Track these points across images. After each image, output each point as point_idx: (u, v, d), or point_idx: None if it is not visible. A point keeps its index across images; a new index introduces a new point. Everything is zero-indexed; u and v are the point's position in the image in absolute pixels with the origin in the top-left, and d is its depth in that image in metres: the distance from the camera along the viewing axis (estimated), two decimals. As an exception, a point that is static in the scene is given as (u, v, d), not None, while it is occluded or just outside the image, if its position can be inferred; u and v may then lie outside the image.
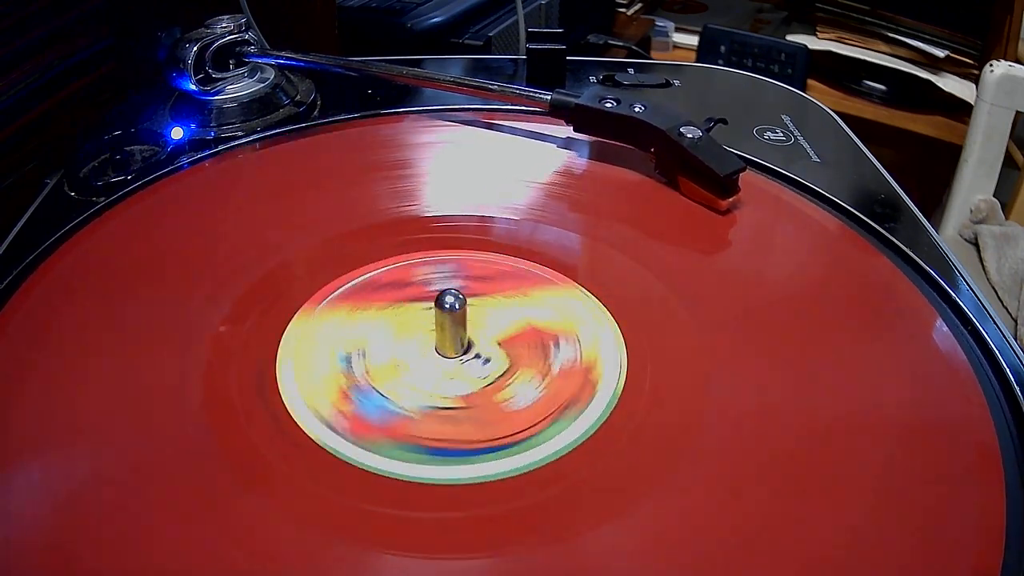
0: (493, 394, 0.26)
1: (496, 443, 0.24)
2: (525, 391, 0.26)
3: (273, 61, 0.43)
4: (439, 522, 0.22)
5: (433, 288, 0.30)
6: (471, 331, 0.28)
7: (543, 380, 0.27)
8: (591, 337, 0.28)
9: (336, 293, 0.30)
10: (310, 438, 0.24)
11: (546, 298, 0.30)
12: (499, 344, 0.28)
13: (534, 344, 0.28)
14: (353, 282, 0.30)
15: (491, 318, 0.29)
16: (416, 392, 0.26)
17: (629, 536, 0.22)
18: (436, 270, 0.31)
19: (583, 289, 0.30)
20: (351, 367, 0.27)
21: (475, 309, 0.29)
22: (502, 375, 0.27)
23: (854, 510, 0.23)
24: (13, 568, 0.21)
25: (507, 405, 0.26)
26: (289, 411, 0.25)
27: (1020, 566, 0.21)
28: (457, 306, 0.27)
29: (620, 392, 0.26)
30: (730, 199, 0.34)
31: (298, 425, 0.25)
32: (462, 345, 0.28)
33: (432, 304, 0.27)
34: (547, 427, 0.25)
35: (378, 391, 0.26)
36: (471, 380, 0.27)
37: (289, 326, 0.28)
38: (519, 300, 0.30)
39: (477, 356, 0.28)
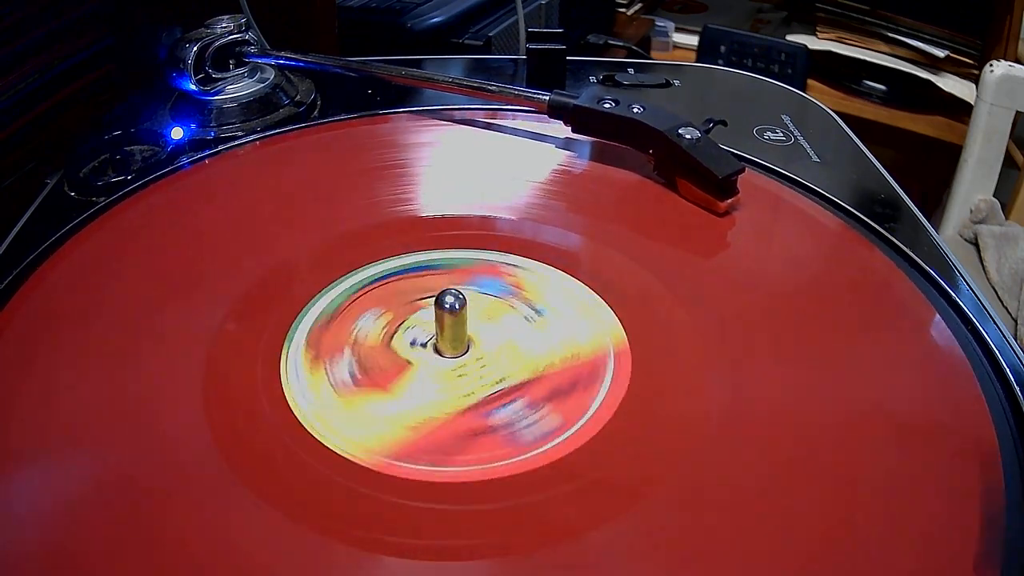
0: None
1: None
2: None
3: (273, 61, 0.43)
4: (440, 521, 0.22)
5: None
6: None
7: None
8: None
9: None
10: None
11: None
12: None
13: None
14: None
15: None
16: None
17: (629, 536, 0.22)
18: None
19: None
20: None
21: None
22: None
23: (854, 510, 0.23)
24: (13, 570, 0.21)
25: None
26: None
27: (1020, 566, 0.21)
28: (457, 306, 0.27)
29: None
30: (729, 201, 0.34)
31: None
32: (463, 344, 0.28)
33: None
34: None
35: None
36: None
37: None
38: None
39: (479, 359, 0.28)
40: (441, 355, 0.28)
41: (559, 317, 0.29)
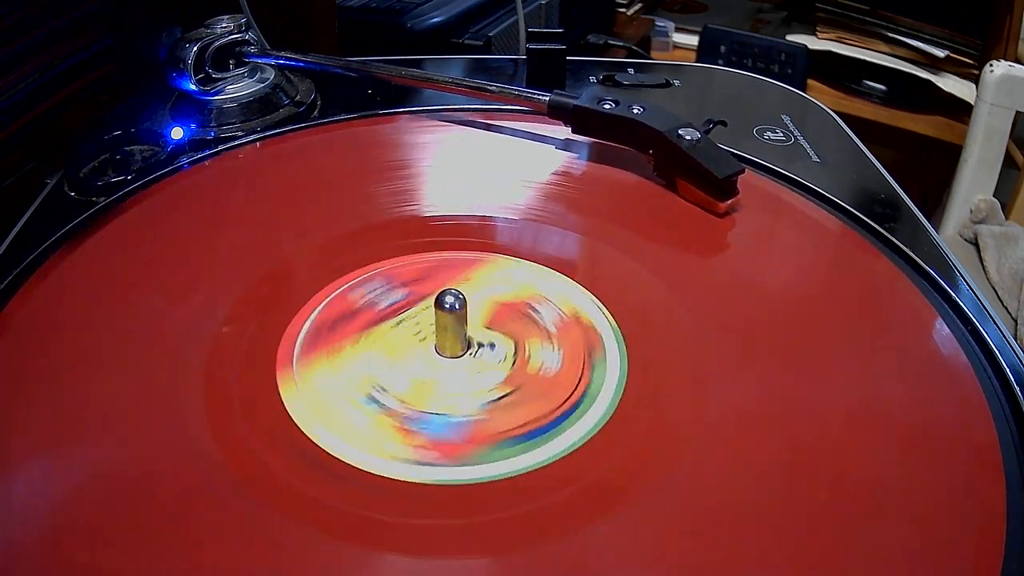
0: (525, 370, 0.27)
1: (568, 406, 0.26)
2: (549, 356, 0.28)
3: (273, 61, 0.43)
4: (439, 520, 0.22)
5: (381, 307, 0.29)
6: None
7: (552, 340, 0.28)
8: (554, 290, 0.30)
9: (298, 349, 0.27)
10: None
11: (489, 275, 0.31)
12: (488, 328, 0.28)
13: (516, 315, 0.29)
14: (303, 332, 0.28)
15: (414, 321, 0.29)
16: (464, 396, 0.26)
17: (629, 536, 0.22)
18: (370, 289, 0.30)
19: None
20: (384, 404, 0.26)
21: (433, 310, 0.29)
22: (516, 352, 0.28)
23: (854, 510, 0.23)
24: (13, 569, 0.21)
25: (545, 372, 0.27)
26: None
27: (1020, 566, 0.21)
28: (457, 305, 0.27)
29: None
30: (728, 201, 0.34)
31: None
32: (466, 342, 0.28)
33: (394, 318, 0.28)
34: (590, 380, 0.27)
35: (431, 412, 0.26)
36: (497, 367, 0.27)
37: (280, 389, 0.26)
38: (468, 285, 0.30)
39: (481, 346, 0.28)
40: (446, 357, 0.28)
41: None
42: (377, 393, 0.26)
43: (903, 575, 0.21)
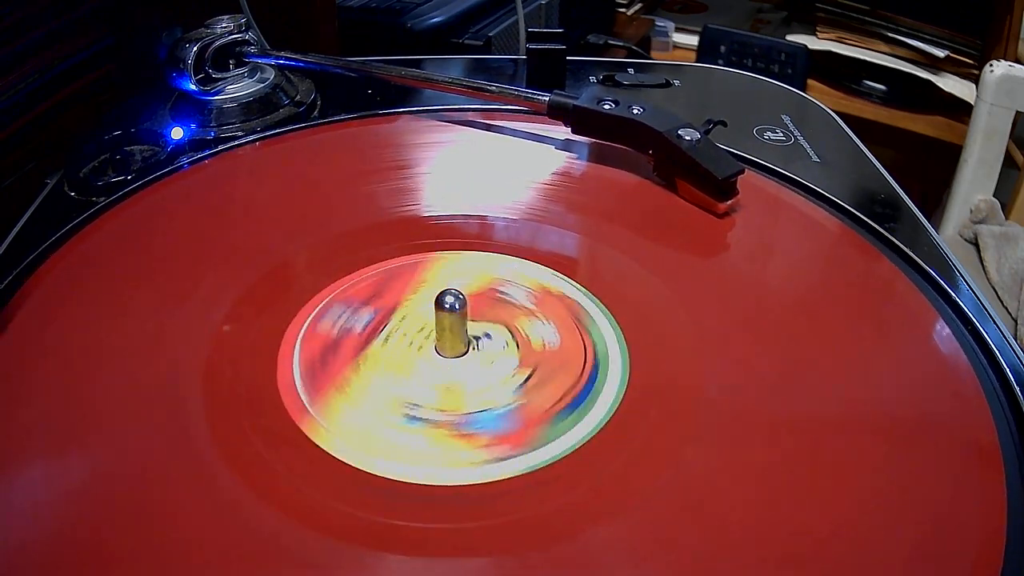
0: (531, 349, 0.28)
1: (589, 368, 0.27)
2: (543, 330, 0.29)
3: (273, 61, 0.43)
4: (437, 520, 0.22)
5: (359, 330, 0.29)
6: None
7: (538, 315, 0.29)
8: (510, 271, 0.31)
9: (304, 394, 0.26)
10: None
11: (440, 272, 0.31)
12: (474, 320, 0.29)
13: (491, 302, 0.30)
14: (298, 377, 0.27)
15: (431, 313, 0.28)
16: (493, 388, 0.26)
17: (629, 537, 0.22)
18: (335, 316, 0.29)
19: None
20: (427, 419, 0.25)
21: (411, 318, 0.29)
22: (513, 335, 0.28)
23: (855, 510, 0.23)
24: (15, 568, 0.21)
25: (551, 347, 0.28)
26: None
27: (1020, 566, 0.21)
28: (458, 305, 0.27)
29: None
30: (728, 202, 0.34)
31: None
32: (464, 344, 0.28)
33: (379, 336, 0.28)
34: (593, 342, 0.28)
35: (476, 411, 0.26)
36: (504, 354, 0.28)
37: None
38: (427, 287, 0.30)
39: (478, 339, 0.28)
40: (441, 355, 0.28)
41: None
42: (412, 410, 0.26)
43: (903, 574, 0.21)
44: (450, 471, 0.24)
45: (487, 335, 0.28)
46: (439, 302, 0.27)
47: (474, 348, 0.28)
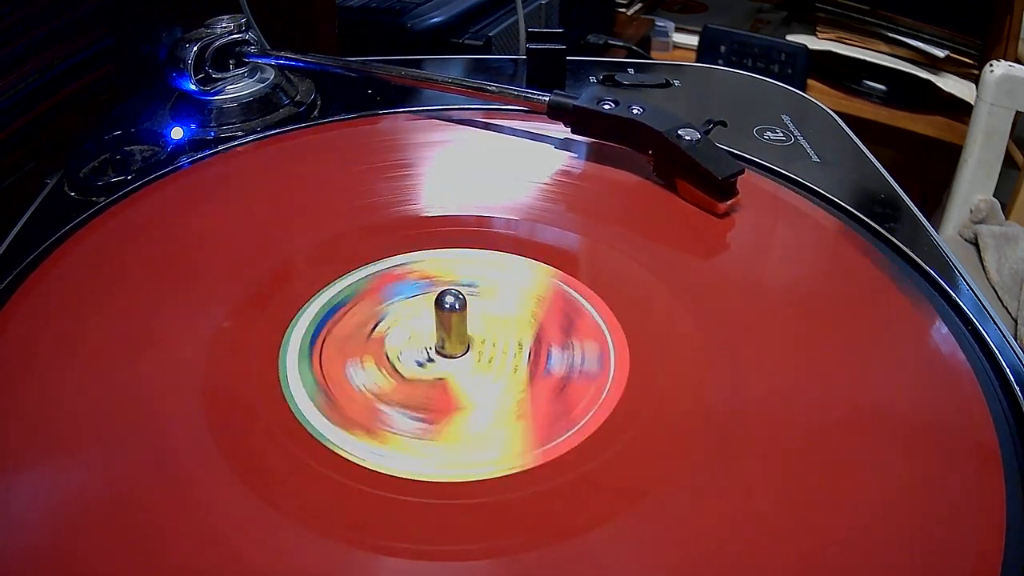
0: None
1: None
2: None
3: (273, 61, 0.43)
4: (437, 520, 0.22)
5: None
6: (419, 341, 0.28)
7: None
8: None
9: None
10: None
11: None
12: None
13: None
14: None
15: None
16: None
17: (629, 537, 0.22)
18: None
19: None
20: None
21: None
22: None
23: (854, 510, 0.23)
24: (11, 570, 0.21)
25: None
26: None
27: (1020, 566, 0.21)
28: (458, 305, 0.27)
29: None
30: (728, 202, 0.34)
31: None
32: (465, 343, 0.28)
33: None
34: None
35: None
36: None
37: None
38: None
39: (478, 338, 0.28)
40: (441, 354, 0.28)
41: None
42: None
43: (903, 575, 0.21)
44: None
45: (487, 335, 0.28)
46: (439, 301, 0.27)
47: (474, 348, 0.28)
